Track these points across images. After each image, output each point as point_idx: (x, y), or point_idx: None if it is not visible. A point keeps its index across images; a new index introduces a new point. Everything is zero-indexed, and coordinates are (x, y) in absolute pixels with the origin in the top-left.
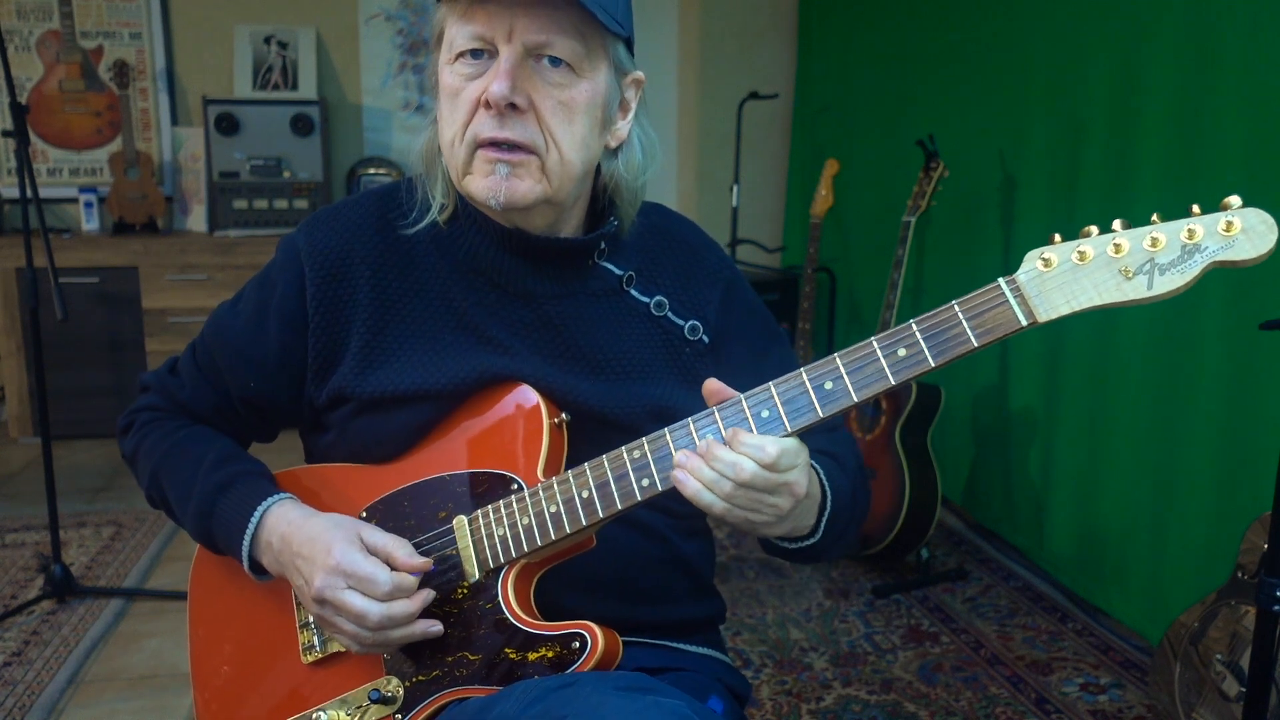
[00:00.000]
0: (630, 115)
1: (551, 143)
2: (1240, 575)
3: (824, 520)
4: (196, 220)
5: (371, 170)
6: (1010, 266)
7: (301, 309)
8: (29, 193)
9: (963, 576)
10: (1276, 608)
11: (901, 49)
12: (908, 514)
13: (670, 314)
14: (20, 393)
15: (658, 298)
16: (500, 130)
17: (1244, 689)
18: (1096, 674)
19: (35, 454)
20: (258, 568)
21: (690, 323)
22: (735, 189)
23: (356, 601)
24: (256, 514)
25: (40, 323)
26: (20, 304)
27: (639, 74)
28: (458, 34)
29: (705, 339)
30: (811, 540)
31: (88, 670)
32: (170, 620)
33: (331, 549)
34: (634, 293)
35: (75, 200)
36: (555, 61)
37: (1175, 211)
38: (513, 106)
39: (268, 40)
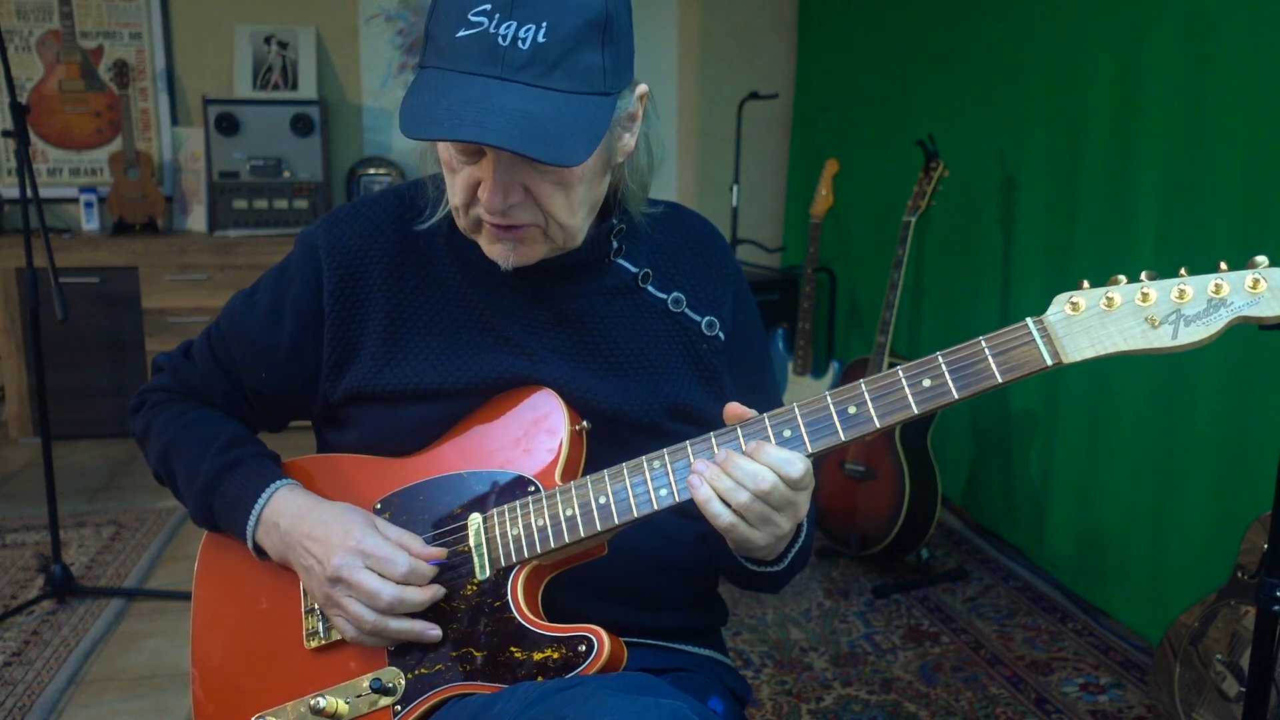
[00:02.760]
0: (637, 125)
1: (550, 219)
2: (1240, 575)
3: (794, 550)
4: (196, 220)
5: (371, 170)
6: (1010, 267)
7: (318, 305)
8: (29, 193)
9: (963, 576)
10: (1276, 608)
11: (901, 49)
12: (908, 514)
13: (688, 310)
14: (20, 393)
15: (675, 294)
16: (501, 220)
17: (1244, 689)
18: (1096, 674)
19: (35, 454)
20: (259, 550)
21: (707, 318)
22: (735, 189)
23: (371, 581)
24: (264, 495)
25: (40, 323)
26: (20, 304)
27: (641, 89)
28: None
29: (721, 335)
30: (776, 567)
31: (88, 670)
32: (170, 620)
33: (351, 530)
34: (651, 289)
35: (75, 200)
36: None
37: (1175, 213)
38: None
39: (268, 40)
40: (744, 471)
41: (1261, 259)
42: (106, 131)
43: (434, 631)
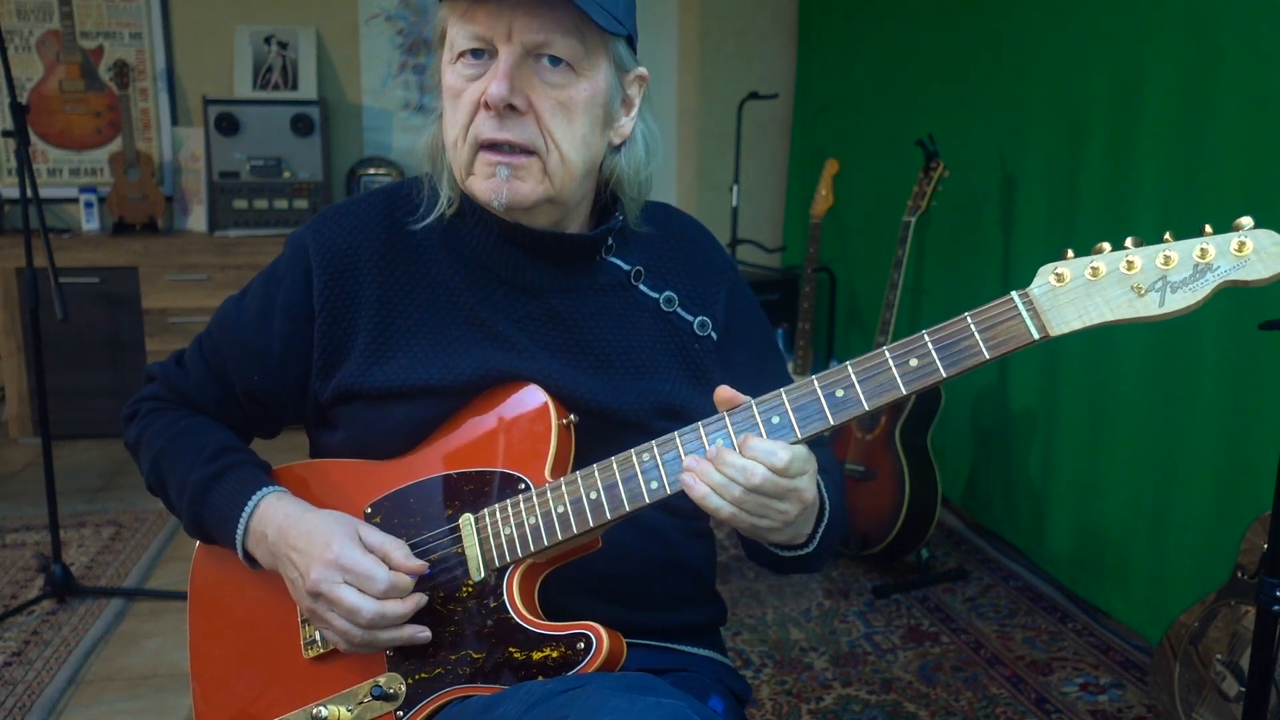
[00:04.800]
0: (634, 112)
1: (551, 143)
2: (1240, 575)
3: (820, 530)
4: (196, 220)
5: (371, 170)
6: (1010, 267)
7: (308, 304)
8: (29, 193)
9: (963, 576)
10: (1276, 608)
11: (901, 49)
12: (908, 514)
13: (680, 309)
14: (20, 393)
15: (667, 293)
16: (500, 132)
17: (1244, 689)
18: (1096, 674)
19: (35, 454)
20: (250, 559)
21: (699, 318)
22: (735, 189)
23: (351, 597)
24: (250, 504)
25: (40, 323)
26: (20, 304)
27: (642, 70)
28: (458, 34)
29: (714, 335)
30: (807, 550)
31: (88, 670)
32: (170, 620)
33: (330, 543)
34: (643, 288)
35: (75, 200)
36: (554, 61)
37: (1175, 212)
38: (511, 108)
39: (268, 40)
40: (733, 467)
41: (1246, 220)
42: (106, 131)
43: (424, 634)
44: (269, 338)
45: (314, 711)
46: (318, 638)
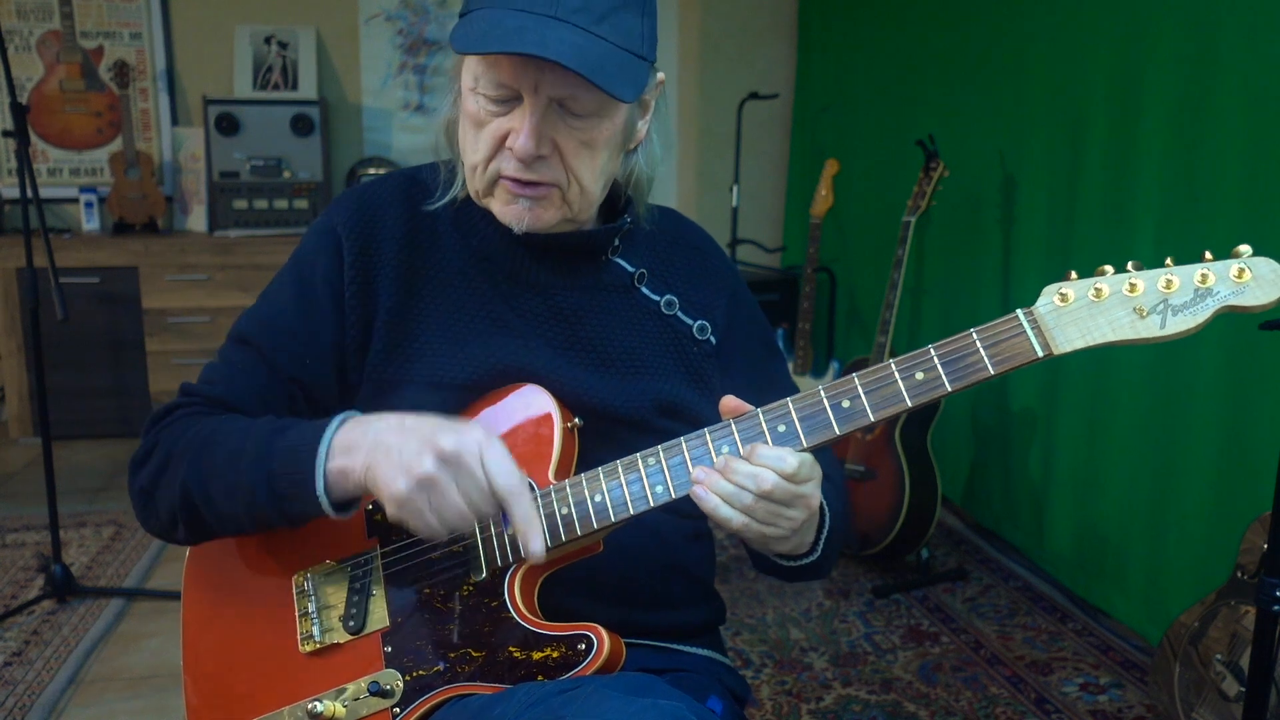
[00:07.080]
0: (649, 114)
1: (573, 178)
2: (1240, 575)
3: (823, 538)
4: (196, 220)
5: (371, 170)
6: (1010, 267)
7: (342, 282)
8: (29, 193)
9: (963, 576)
10: (1276, 608)
11: (901, 49)
12: (908, 514)
13: (680, 313)
14: (20, 393)
15: (668, 296)
16: (524, 173)
17: (1244, 689)
18: (1096, 674)
19: (35, 454)
20: (327, 493)
21: (699, 323)
22: (735, 189)
23: (507, 459)
24: (333, 424)
25: (40, 323)
26: (20, 304)
27: (659, 75)
28: (481, 75)
29: (713, 340)
30: (811, 558)
31: (88, 670)
32: (170, 620)
33: (476, 426)
34: (645, 290)
35: (75, 200)
36: (578, 108)
37: (1175, 213)
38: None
39: (268, 40)
40: (743, 475)
41: (1244, 248)
42: (106, 131)
43: (537, 544)
44: (319, 319)
45: (309, 706)
46: (315, 632)
